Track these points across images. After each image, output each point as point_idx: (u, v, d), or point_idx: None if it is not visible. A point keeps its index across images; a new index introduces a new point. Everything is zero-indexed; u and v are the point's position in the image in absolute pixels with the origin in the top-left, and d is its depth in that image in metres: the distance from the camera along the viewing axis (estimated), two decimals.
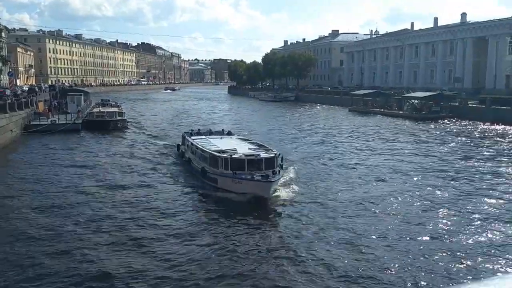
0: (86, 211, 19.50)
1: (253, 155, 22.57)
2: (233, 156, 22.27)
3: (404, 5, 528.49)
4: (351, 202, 20.78)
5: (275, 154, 23.11)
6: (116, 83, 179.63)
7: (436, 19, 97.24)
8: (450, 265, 13.74)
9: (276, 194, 21.19)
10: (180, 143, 32.60)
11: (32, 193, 22.62)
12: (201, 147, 25.72)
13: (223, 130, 34.52)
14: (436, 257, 14.27)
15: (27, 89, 69.90)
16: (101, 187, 23.78)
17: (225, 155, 22.58)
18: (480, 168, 27.65)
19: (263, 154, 22.71)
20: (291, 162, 29.07)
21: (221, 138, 29.79)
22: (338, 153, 34.41)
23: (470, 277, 12.39)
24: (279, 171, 21.95)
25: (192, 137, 29.76)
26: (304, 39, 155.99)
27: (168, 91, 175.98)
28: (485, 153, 33.36)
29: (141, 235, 16.59)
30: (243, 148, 24.38)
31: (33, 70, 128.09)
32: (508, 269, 13.17)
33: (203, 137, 30.39)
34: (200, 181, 24.01)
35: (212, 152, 23.53)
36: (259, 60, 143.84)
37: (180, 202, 21.32)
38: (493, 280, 1.04)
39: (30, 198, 21.81)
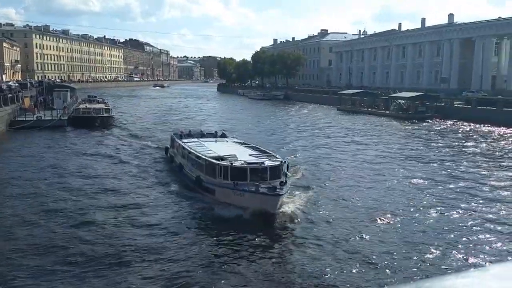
0: (65, 222, 17.67)
1: (256, 163, 19.96)
2: (233, 164, 19.68)
3: (393, 5, 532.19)
4: (361, 214, 18.86)
5: (281, 161, 20.53)
6: (103, 79, 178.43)
7: (423, 20, 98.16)
8: (440, 258, 13.94)
9: (282, 208, 18.45)
10: (169, 146, 30.32)
11: (14, 190, 22.24)
12: (195, 152, 23.12)
13: (216, 132, 31.88)
14: (426, 250, 14.45)
15: (14, 84, 68.77)
16: (82, 195, 21.53)
17: (224, 162, 20.07)
18: (463, 166, 28.02)
19: (268, 162, 20.17)
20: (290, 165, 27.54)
21: (215, 141, 27.19)
22: (333, 154, 33.74)
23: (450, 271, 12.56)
24: (286, 181, 19.31)
25: (183, 140, 27.16)
26: (293, 38, 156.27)
27: (157, 88, 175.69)
28: (469, 152, 33.79)
29: (125, 254, 14.47)
30: (243, 154, 21.74)
31: (19, 65, 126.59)
32: (490, 260, 13.38)
33: (195, 140, 27.66)
34: (194, 191, 21.46)
35: (209, 159, 21.01)
36: (249, 58, 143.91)
37: (171, 216, 18.75)
38: (470, 272, 1.08)
39: (11, 195, 21.47)
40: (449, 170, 27.27)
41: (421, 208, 19.46)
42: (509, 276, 1.05)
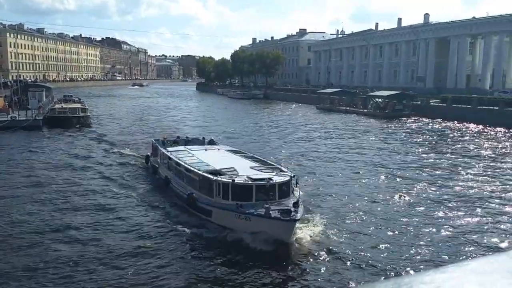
0: (32, 238, 15.86)
1: (263, 179, 16.75)
2: (235, 180, 16.54)
3: (369, 5, 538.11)
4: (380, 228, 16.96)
5: (290, 176, 17.49)
6: (79, 79, 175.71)
7: (400, 20, 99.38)
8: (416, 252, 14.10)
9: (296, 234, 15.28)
10: (150, 154, 26.87)
11: None
12: (184, 164, 19.99)
13: (203, 138, 28.41)
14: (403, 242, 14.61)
15: None
16: (51, 213, 18.66)
17: (223, 178, 17.00)
18: (438, 161, 28.53)
19: (276, 178, 17.01)
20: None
21: (205, 149, 23.75)
22: (314, 153, 33.60)
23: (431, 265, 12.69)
24: (298, 200, 15.77)
25: (169, 149, 24.01)
26: (272, 37, 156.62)
27: (136, 87, 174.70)
28: (443, 148, 34.40)
29: None
30: (242, 167, 18.81)
31: None
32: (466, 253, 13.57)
33: (182, 148, 24.51)
34: (185, 211, 18.24)
35: (204, 174, 17.92)
36: (228, 57, 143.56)
37: (159, 244, 15.39)
38: (448, 267, 1.08)
39: None
40: (422, 166, 27.69)
41: (395, 203, 19.70)
42: (486, 271, 1.08)
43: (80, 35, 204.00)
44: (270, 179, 16.81)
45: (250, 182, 16.57)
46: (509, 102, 49.49)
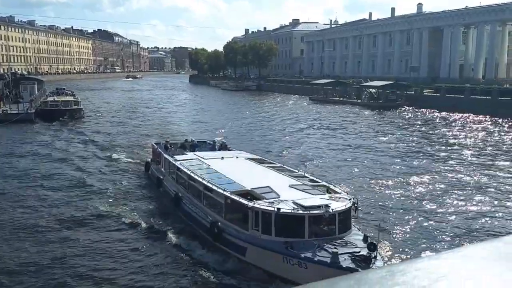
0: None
1: (318, 206, 12.37)
2: (282, 209, 12.17)
3: None
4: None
5: (350, 200, 13.29)
6: (72, 71, 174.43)
7: (393, 9, 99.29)
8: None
9: None
10: (150, 160, 23.29)
11: None
12: (201, 179, 15.72)
13: (214, 141, 24.03)
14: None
15: None
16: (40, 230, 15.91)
17: (262, 204, 12.65)
18: (431, 150, 28.64)
19: (334, 204, 12.64)
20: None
21: (221, 158, 19.02)
22: (309, 144, 33.96)
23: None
24: (366, 236, 12.20)
25: (176, 157, 19.48)
26: (265, 28, 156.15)
27: (130, 79, 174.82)
28: (438, 137, 34.52)
29: None
30: (278, 184, 14.62)
31: None
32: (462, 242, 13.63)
33: (192, 155, 20.11)
34: (206, 243, 13.99)
35: (233, 197, 13.52)
36: (220, 49, 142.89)
37: None
38: (442, 254, 1.10)
39: None
40: (414, 154, 27.78)
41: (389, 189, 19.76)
42: (480, 257, 1.09)
43: (72, 27, 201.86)
44: (328, 206, 12.33)
45: (301, 211, 12.17)
46: (502, 91, 49.72)
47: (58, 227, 16.08)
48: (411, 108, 55.69)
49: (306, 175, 16.53)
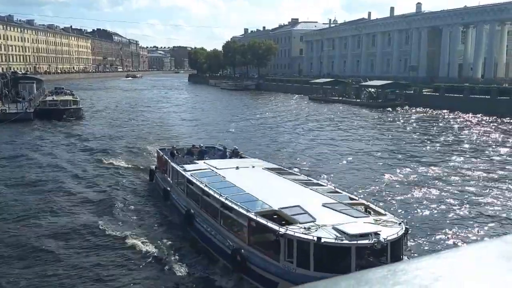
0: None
1: (366, 234, 10.28)
2: (322, 238, 10.04)
3: None
4: None
5: (401, 224, 11.22)
6: (71, 71, 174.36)
7: (392, 9, 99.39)
8: None
9: None
10: (155, 167, 21.24)
11: None
12: (218, 195, 13.36)
13: (224, 148, 21.84)
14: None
15: None
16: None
17: (297, 231, 10.52)
18: (429, 149, 28.67)
19: (385, 232, 10.46)
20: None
21: (237, 168, 16.77)
22: (309, 145, 33.86)
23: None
24: None
25: (186, 167, 17.36)
26: (264, 27, 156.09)
27: (129, 78, 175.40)
28: (435, 137, 34.55)
29: None
30: (309, 202, 12.44)
31: None
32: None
33: (203, 164, 17.86)
34: (228, 272, 12.02)
35: (259, 220, 11.37)
36: (220, 48, 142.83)
37: None
38: (442, 253, 1.10)
39: None
40: (413, 154, 27.79)
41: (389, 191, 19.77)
42: (481, 256, 1.09)
43: (71, 26, 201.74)
44: (377, 234, 10.23)
45: (346, 241, 10.08)
46: (501, 91, 49.78)
47: (46, 247, 13.94)
48: (410, 107, 55.74)
49: (338, 189, 14.41)
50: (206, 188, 14.35)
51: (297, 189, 14.24)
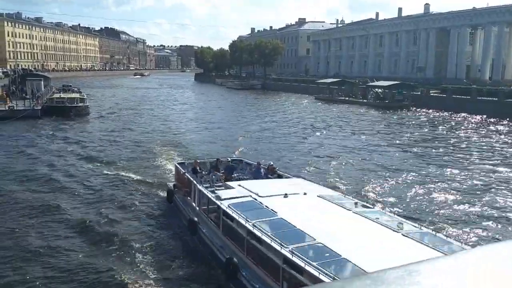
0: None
1: None
2: None
3: None
4: None
5: None
6: (78, 68, 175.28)
7: (400, 9, 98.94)
8: None
9: None
10: (173, 186, 17.39)
11: None
12: (279, 246, 9.44)
13: (258, 163, 17.21)
14: None
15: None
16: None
17: None
18: (437, 152, 28.50)
19: None
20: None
21: (285, 195, 12.54)
22: (316, 146, 34.21)
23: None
24: None
25: (219, 192, 13.40)
26: (271, 27, 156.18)
27: (137, 76, 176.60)
28: (442, 139, 34.37)
29: None
30: (406, 257, 8.27)
31: None
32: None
33: (238, 187, 13.77)
34: None
35: None
36: (226, 47, 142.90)
37: None
38: (458, 254, 1.08)
39: None
40: (420, 156, 27.65)
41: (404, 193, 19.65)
42: (498, 257, 1.06)
43: (79, 24, 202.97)
44: None
45: None
46: (509, 93, 49.41)
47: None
48: (417, 108, 55.44)
49: (423, 227, 10.91)
50: (255, 231, 10.40)
51: (381, 232, 10.12)
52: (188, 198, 15.51)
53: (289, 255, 8.97)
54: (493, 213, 17.40)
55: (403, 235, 9.75)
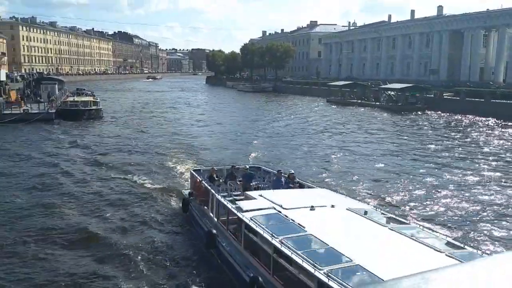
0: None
1: None
2: None
3: None
4: None
5: None
6: (93, 72, 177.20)
7: (413, 12, 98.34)
8: None
9: None
10: (189, 194, 16.25)
11: None
12: (312, 267, 8.18)
13: (279, 171, 15.73)
14: None
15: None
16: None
17: None
18: (450, 155, 28.20)
19: None
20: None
21: (311, 208, 11.34)
22: (328, 149, 34.18)
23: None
24: None
25: (240, 204, 12.25)
26: (282, 30, 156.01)
27: (150, 80, 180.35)
28: (455, 141, 34.02)
29: None
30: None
31: (6, 58, 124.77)
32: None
33: (261, 198, 12.56)
34: None
35: None
36: (237, 50, 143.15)
37: None
38: (475, 262, 1.07)
39: None
40: (434, 160, 27.36)
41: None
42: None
43: (93, 29, 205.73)
44: None
45: None
46: None
47: None
48: (431, 111, 54.96)
49: (456, 242, 9.99)
50: (282, 249, 9.19)
51: (424, 253, 8.85)
52: (205, 207, 14.44)
53: (324, 279, 7.87)
54: None
55: (447, 256, 8.62)
